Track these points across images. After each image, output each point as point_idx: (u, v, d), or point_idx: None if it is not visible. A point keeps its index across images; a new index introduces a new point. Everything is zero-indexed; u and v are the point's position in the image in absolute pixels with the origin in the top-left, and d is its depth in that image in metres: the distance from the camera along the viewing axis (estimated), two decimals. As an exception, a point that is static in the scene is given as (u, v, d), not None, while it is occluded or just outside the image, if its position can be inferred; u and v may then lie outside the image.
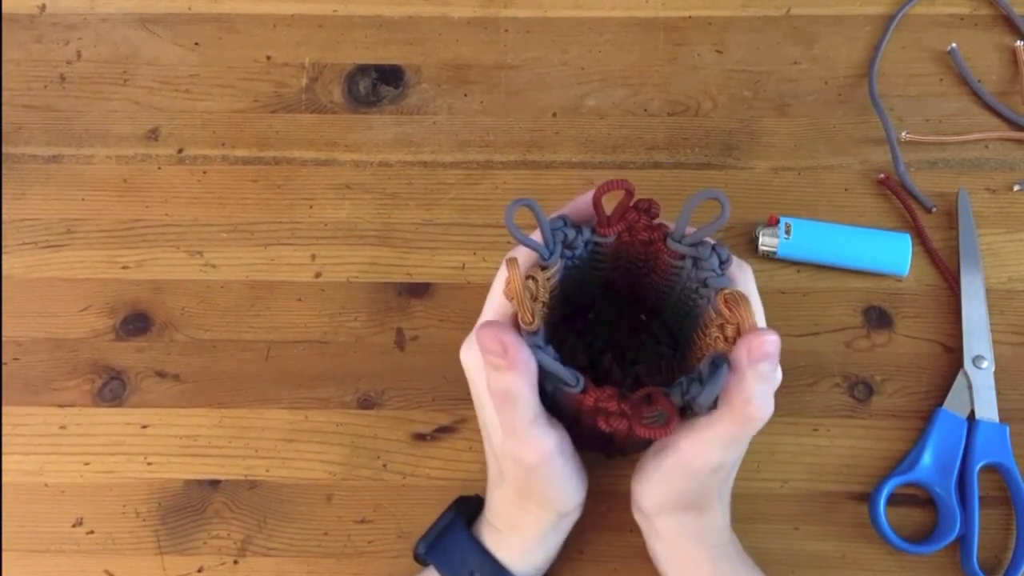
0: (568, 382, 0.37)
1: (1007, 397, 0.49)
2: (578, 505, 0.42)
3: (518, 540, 0.43)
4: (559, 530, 0.43)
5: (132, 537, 0.47)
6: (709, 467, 0.37)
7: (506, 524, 0.43)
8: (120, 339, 0.52)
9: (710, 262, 0.39)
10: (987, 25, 0.61)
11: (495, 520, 0.43)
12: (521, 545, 0.43)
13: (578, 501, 0.42)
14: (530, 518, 0.42)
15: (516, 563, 0.43)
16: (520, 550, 0.43)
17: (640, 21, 0.62)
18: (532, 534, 0.42)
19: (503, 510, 0.43)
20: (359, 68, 0.60)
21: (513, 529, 0.43)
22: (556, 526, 0.42)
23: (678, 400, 0.37)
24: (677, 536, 0.42)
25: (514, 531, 0.43)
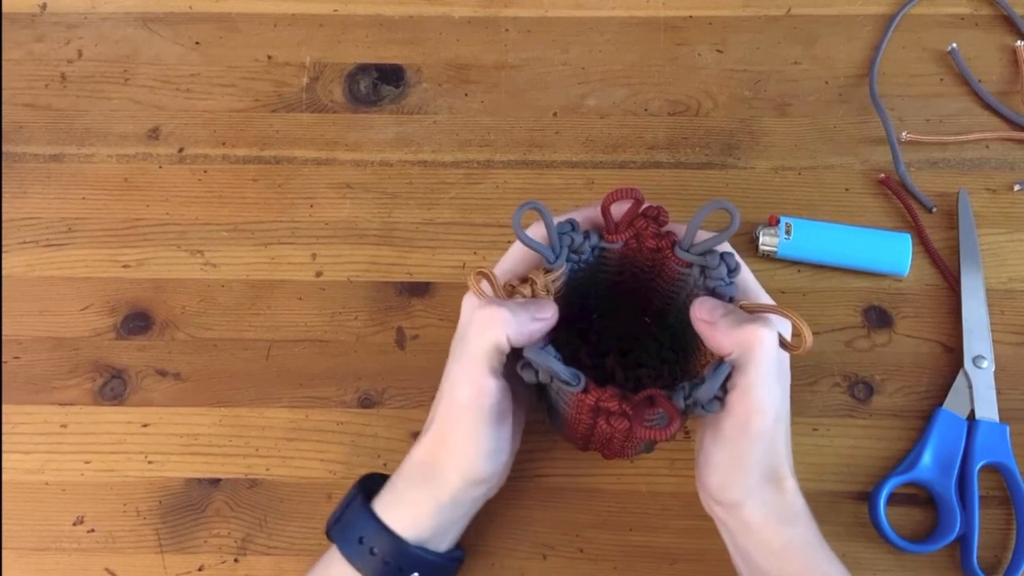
0: (569, 381, 0.37)
1: (1007, 397, 0.49)
2: (489, 476, 0.41)
3: (417, 499, 0.41)
4: (462, 502, 0.41)
5: (133, 535, 0.47)
6: (768, 415, 0.36)
7: (410, 483, 0.41)
8: (121, 338, 0.52)
9: (718, 271, 0.39)
10: (987, 25, 0.61)
11: (400, 480, 0.42)
12: (416, 506, 0.41)
13: (490, 471, 0.40)
14: (436, 480, 0.41)
15: (409, 527, 0.41)
16: (414, 511, 0.41)
17: (640, 21, 0.62)
18: (432, 496, 0.41)
19: (413, 468, 0.41)
20: (360, 67, 0.60)
21: (415, 487, 0.41)
22: (460, 495, 0.41)
23: (680, 403, 0.37)
24: (765, 522, 0.39)
25: (416, 490, 0.41)
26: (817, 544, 0.40)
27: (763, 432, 0.37)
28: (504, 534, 0.47)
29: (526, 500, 0.48)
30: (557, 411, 0.43)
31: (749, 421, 0.36)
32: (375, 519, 0.41)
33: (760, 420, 0.36)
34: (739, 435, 0.37)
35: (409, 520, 0.41)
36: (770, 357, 0.36)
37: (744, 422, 0.36)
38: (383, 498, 0.42)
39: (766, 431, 0.37)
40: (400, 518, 0.41)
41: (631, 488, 0.48)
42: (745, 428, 0.37)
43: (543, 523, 0.47)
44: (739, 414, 0.36)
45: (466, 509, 0.42)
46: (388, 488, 0.42)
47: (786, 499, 0.40)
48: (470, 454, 0.40)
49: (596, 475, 0.48)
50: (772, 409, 0.36)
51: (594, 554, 0.47)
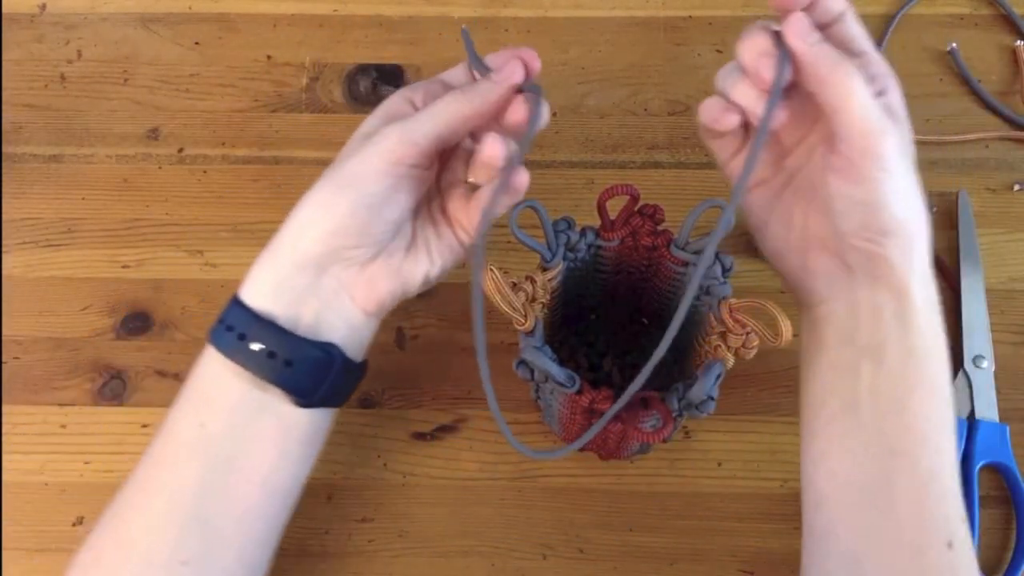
0: (564, 383, 0.37)
1: (1007, 397, 0.49)
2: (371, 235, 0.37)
3: (277, 262, 0.38)
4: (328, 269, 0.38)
5: (132, 536, 0.47)
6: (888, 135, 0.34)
7: (276, 243, 0.39)
8: (120, 338, 0.52)
9: (713, 270, 0.39)
10: (987, 25, 0.61)
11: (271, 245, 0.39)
12: (256, 268, 0.38)
13: (377, 230, 0.37)
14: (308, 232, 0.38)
15: (250, 293, 0.38)
16: (253, 274, 0.38)
17: (640, 21, 0.62)
18: (293, 251, 0.38)
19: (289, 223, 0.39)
20: (359, 68, 0.60)
21: (279, 249, 0.38)
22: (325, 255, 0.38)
23: (674, 404, 0.37)
24: (922, 264, 0.36)
25: (279, 251, 0.38)
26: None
27: (891, 153, 0.34)
28: (504, 534, 0.47)
29: (526, 500, 0.48)
30: (553, 411, 0.43)
31: (870, 144, 0.34)
32: (233, 298, 0.38)
33: (880, 140, 0.34)
34: (865, 163, 0.34)
35: (250, 285, 0.38)
36: (865, 91, 0.34)
37: (866, 147, 0.34)
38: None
39: (892, 153, 0.34)
40: (246, 287, 0.38)
41: (631, 488, 0.48)
42: (872, 153, 0.34)
43: (543, 523, 0.47)
44: (855, 138, 0.34)
45: (309, 276, 0.38)
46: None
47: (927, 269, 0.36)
48: (344, 179, 0.37)
49: (596, 475, 0.48)
50: (888, 130, 0.34)
51: (594, 554, 0.47)
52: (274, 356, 0.37)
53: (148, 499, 0.38)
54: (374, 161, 0.36)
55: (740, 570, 0.46)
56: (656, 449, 0.48)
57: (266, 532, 0.40)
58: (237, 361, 0.37)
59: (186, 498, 0.37)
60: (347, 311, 0.39)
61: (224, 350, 0.37)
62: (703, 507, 0.47)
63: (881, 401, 0.37)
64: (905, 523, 0.36)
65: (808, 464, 0.39)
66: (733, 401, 0.49)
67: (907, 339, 0.36)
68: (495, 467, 0.48)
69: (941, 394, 0.37)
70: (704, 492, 0.48)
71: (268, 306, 0.37)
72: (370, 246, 0.38)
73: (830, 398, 0.38)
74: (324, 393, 0.38)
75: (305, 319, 0.38)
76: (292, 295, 0.38)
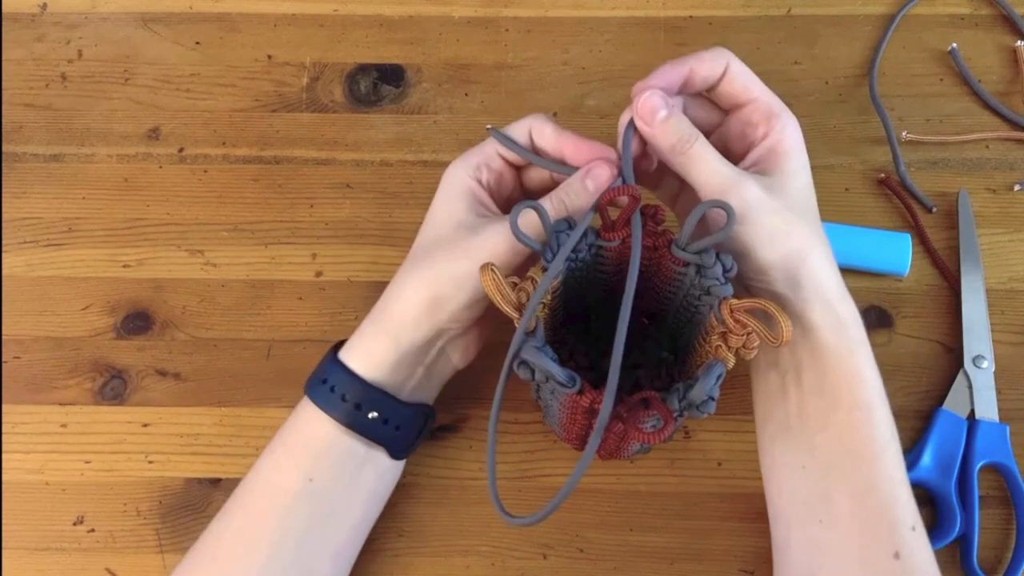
0: (564, 383, 0.37)
1: (1007, 397, 0.49)
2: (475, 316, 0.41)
3: (373, 335, 0.41)
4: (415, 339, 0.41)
5: (133, 536, 0.47)
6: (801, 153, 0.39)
7: (370, 321, 0.42)
8: (121, 338, 0.52)
9: (714, 270, 0.39)
10: (987, 25, 0.61)
11: (365, 322, 0.42)
12: (372, 342, 0.41)
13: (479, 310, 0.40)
14: (389, 315, 0.41)
15: (365, 366, 0.41)
16: (369, 348, 0.41)
17: (641, 21, 0.62)
18: (383, 331, 0.41)
19: (376, 307, 0.42)
20: (360, 67, 0.60)
21: (373, 325, 0.41)
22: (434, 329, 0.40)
23: (674, 405, 0.37)
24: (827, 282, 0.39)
25: (373, 327, 0.41)
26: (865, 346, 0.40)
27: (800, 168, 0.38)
28: (504, 534, 0.47)
29: (526, 500, 0.48)
30: (553, 411, 0.43)
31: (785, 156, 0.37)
32: (337, 361, 0.41)
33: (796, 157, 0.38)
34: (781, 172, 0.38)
35: (365, 358, 0.41)
36: (707, 159, 0.38)
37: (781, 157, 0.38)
38: (349, 342, 0.42)
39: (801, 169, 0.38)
40: (358, 357, 0.41)
41: (631, 488, 0.48)
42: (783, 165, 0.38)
43: (543, 523, 0.47)
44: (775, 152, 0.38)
45: (422, 351, 0.41)
46: (355, 333, 0.42)
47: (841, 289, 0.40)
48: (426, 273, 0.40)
49: (596, 475, 0.48)
50: (739, 182, 0.37)
51: (594, 554, 0.47)
52: (387, 423, 0.41)
53: (251, 548, 0.40)
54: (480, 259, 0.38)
55: (740, 570, 0.46)
56: (656, 449, 0.48)
57: (351, 563, 0.44)
58: (353, 427, 0.41)
59: (289, 546, 0.40)
60: (446, 373, 0.44)
61: (339, 418, 0.40)
62: (703, 507, 0.47)
63: (808, 420, 0.39)
64: (849, 536, 0.37)
65: (765, 480, 0.42)
66: (733, 401, 0.49)
67: (818, 361, 0.39)
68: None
69: (866, 409, 0.39)
70: (704, 492, 0.48)
71: (382, 377, 0.41)
72: (469, 320, 0.41)
73: (768, 419, 0.41)
74: (414, 444, 0.44)
75: (410, 385, 0.42)
76: (407, 369, 0.42)
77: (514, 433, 0.49)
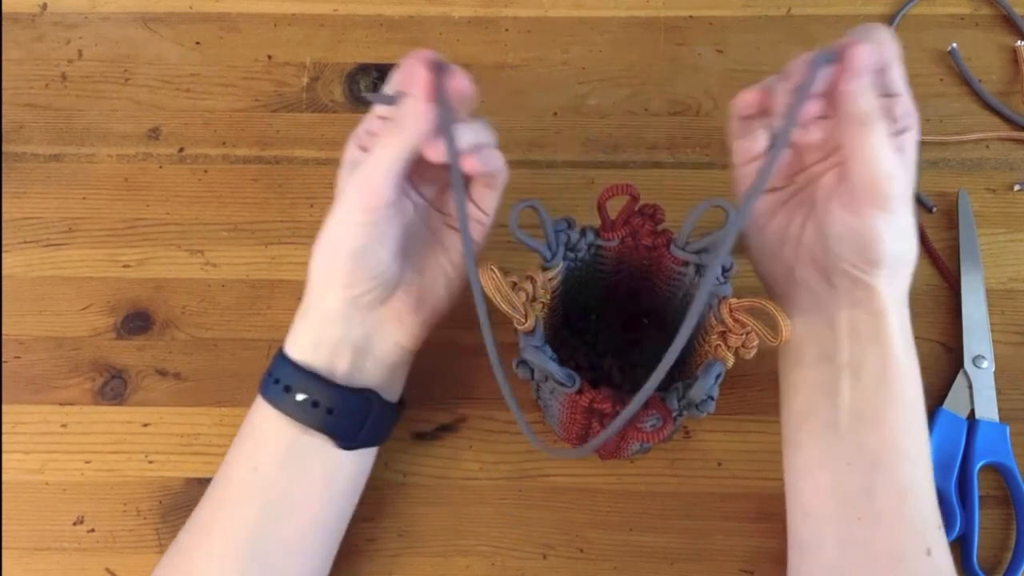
0: (564, 382, 0.37)
1: (1007, 397, 0.49)
2: (375, 278, 0.39)
3: (298, 319, 0.41)
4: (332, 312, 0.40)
5: (133, 535, 0.47)
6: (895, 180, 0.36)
7: (307, 302, 0.41)
8: (121, 338, 0.52)
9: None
10: (987, 25, 0.61)
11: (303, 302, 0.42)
12: (297, 325, 0.41)
13: (378, 272, 0.39)
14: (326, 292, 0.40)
15: (295, 348, 0.41)
16: (295, 331, 0.41)
17: (641, 21, 0.62)
18: (303, 311, 0.41)
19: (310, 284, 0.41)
20: (360, 67, 0.60)
21: (309, 307, 0.41)
22: (347, 304, 0.40)
23: (674, 404, 0.37)
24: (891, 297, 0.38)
25: (310, 310, 0.41)
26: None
27: (895, 196, 0.36)
28: (504, 534, 0.47)
29: (526, 500, 0.48)
30: (553, 411, 0.43)
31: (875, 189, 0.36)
32: (280, 349, 0.41)
33: (886, 184, 0.36)
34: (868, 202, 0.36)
35: (292, 342, 0.41)
36: (882, 140, 0.35)
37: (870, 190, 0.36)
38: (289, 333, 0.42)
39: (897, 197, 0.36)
40: (289, 342, 0.41)
41: (631, 488, 0.48)
42: (876, 196, 0.36)
43: (543, 523, 0.47)
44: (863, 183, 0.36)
45: (340, 326, 0.40)
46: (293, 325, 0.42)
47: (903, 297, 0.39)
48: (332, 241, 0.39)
49: (596, 475, 0.48)
50: (895, 175, 0.36)
51: (594, 554, 0.47)
52: (317, 405, 0.40)
53: (209, 539, 0.40)
54: (349, 218, 0.38)
55: (740, 570, 0.46)
56: (656, 449, 0.48)
57: (318, 564, 0.43)
58: (284, 411, 0.40)
59: (243, 538, 0.40)
60: (379, 353, 0.42)
61: (272, 401, 0.40)
62: (703, 507, 0.47)
63: (861, 417, 0.38)
64: (887, 533, 0.37)
65: (793, 477, 0.41)
66: (733, 401, 0.49)
67: (884, 358, 0.38)
68: (495, 467, 0.48)
69: (915, 408, 0.39)
70: (704, 492, 0.48)
71: (309, 359, 0.40)
72: (383, 286, 0.40)
73: (812, 414, 0.40)
74: (364, 435, 0.42)
75: (341, 368, 0.41)
76: (329, 348, 0.40)
77: (514, 433, 0.49)
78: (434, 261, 0.42)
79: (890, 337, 0.38)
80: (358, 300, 0.40)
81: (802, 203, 0.40)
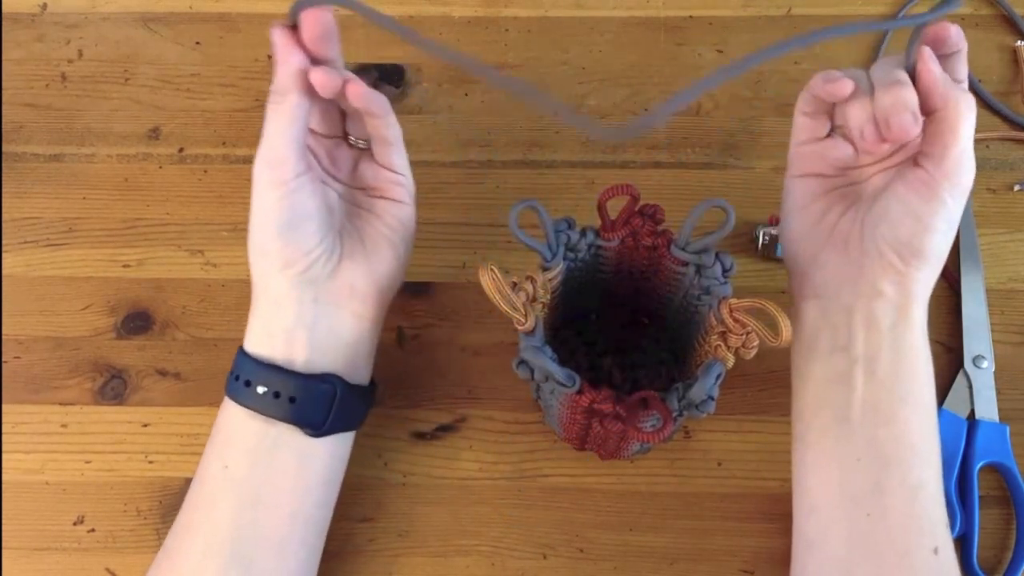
0: (564, 382, 0.37)
1: (1007, 397, 0.49)
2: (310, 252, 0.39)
3: (260, 310, 0.41)
4: (276, 293, 0.40)
5: (133, 535, 0.47)
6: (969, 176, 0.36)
7: (254, 296, 0.41)
8: (121, 337, 0.52)
9: (713, 270, 0.40)
10: (987, 25, 0.61)
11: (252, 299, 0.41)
12: (251, 317, 0.41)
13: (311, 245, 0.39)
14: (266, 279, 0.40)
15: (250, 342, 0.41)
16: (250, 323, 0.41)
17: (641, 21, 0.62)
18: (267, 298, 0.40)
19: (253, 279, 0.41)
20: (360, 67, 0.60)
21: (257, 300, 0.41)
22: (292, 285, 0.40)
23: (674, 404, 0.37)
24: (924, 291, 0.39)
25: (258, 301, 0.41)
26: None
27: (964, 190, 0.36)
28: (504, 534, 0.47)
29: (526, 500, 0.48)
30: (553, 411, 0.43)
31: (957, 173, 0.36)
32: (239, 349, 0.41)
33: (965, 172, 0.36)
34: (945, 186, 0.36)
35: (248, 337, 0.41)
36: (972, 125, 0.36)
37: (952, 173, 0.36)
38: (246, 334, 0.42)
39: (965, 191, 0.36)
40: (247, 338, 0.41)
41: (631, 488, 0.48)
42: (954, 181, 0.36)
43: (543, 523, 0.47)
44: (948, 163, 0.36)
45: (290, 309, 0.40)
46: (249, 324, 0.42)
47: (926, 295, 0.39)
48: (258, 225, 0.39)
49: (596, 475, 0.48)
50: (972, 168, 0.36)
51: (594, 554, 0.47)
52: (279, 396, 0.39)
53: (190, 541, 0.40)
54: (264, 199, 0.39)
55: (740, 570, 0.46)
56: (656, 449, 0.48)
57: (304, 557, 0.42)
58: (247, 405, 0.40)
59: (222, 538, 0.39)
60: (338, 330, 0.41)
61: (235, 397, 0.40)
62: (703, 507, 0.47)
63: (874, 412, 0.38)
64: (895, 530, 0.37)
65: (802, 471, 0.40)
66: (733, 401, 0.49)
67: (900, 352, 0.38)
68: (495, 467, 0.48)
69: (928, 406, 0.39)
70: (704, 492, 0.48)
71: (265, 351, 0.40)
72: (322, 258, 0.40)
73: (823, 408, 0.39)
74: (334, 421, 0.41)
75: (300, 354, 0.40)
76: (283, 335, 0.40)
77: (514, 433, 0.49)
78: (372, 229, 0.43)
79: (910, 332, 0.38)
80: (302, 277, 0.40)
81: (846, 196, 0.41)
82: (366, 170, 0.44)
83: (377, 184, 0.43)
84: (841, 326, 0.39)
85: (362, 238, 0.42)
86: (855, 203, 0.40)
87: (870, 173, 0.40)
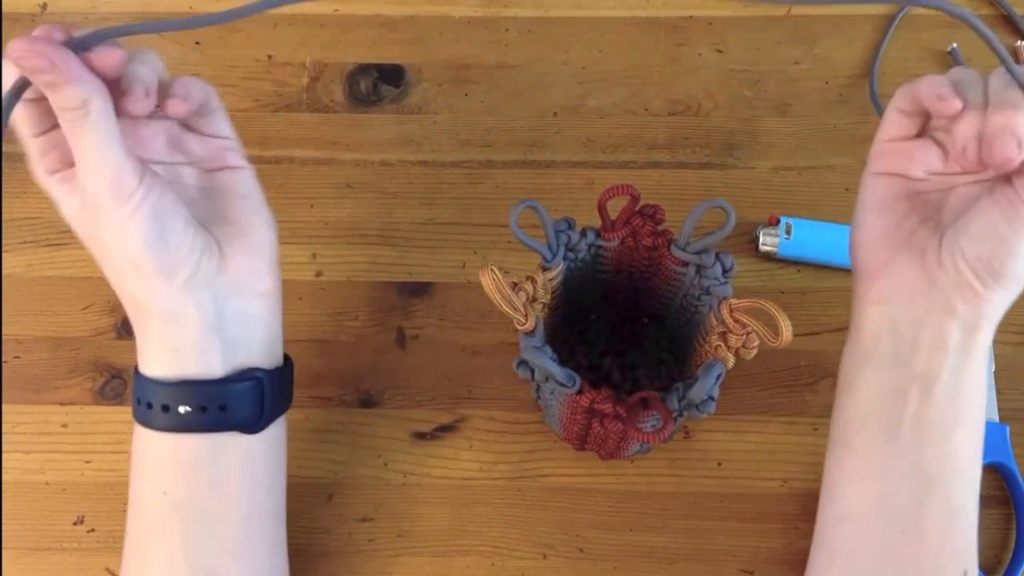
0: (564, 382, 0.37)
1: (1007, 397, 0.49)
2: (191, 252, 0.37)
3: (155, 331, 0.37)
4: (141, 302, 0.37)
5: (133, 535, 0.47)
6: None
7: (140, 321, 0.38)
8: (121, 337, 0.52)
9: (713, 270, 0.40)
10: (988, 25, 0.60)
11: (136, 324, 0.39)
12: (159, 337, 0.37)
13: (186, 244, 0.36)
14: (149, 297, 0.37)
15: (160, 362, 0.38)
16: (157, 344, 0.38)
17: (641, 21, 0.62)
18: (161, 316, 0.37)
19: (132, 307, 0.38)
20: (360, 67, 0.60)
21: (148, 322, 0.38)
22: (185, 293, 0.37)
23: (674, 404, 0.37)
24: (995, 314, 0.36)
25: (150, 323, 0.37)
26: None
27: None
28: (504, 534, 0.47)
29: (526, 500, 0.48)
30: (553, 411, 0.43)
31: None
32: (136, 371, 0.39)
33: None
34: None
35: (150, 361, 0.38)
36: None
37: None
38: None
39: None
40: (147, 363, 0.38)
41: (631, 488, 0.48)
42: None
43: (543, 523, 0.47)
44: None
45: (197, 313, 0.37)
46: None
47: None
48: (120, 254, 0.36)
49: (596, 475, 0.48)
50: None
51: (594, 554, 0.47)
52: (205, 409, 0.37)
53: (146, 572, 0.39)
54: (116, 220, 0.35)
55: (740, 570, 0.46)
56: (656, 449, 0.48)
57: (265, 552, 0.41)
58: (173, 429, 0.38)
59: (178, 561, 0.38)
60: (248, 318, 0.39)
61: (152, 424, 0.38)
62: (703, 507, 0.47)
63: (925, 430, 0.37)
64: (929, 552, 0.37)
65: (839, 478, 0.39)
66: (733, 401, 0.49)
67: (961, 375, 0.37)
68: (495, 467, 0.48)
69: (978, 430, 0.38)
70: (704, 492, 0.48)
71: (174, 370, 0.38)
72: (204, 254, 0.37)
73: (872, 418, 0.38)
74: (268, 412, 0.39)
75: (215, 359, 0.38)
76: (192, 347, 0.37)
77: (514, 433, 0.49)
78: (231, 206, 0.40)
79: (974, 355, 0.37)
80: (192, 282, 0.37)
81: (928, 202, 0.38)
82: (192, 144, 0.41)
83: (211, 155, 0.41)
84: (906, 339, 0.37)
85: (227, 219, 0.39)
86: (937, 211, 0.38)
87: (957, 183, 0.37)
